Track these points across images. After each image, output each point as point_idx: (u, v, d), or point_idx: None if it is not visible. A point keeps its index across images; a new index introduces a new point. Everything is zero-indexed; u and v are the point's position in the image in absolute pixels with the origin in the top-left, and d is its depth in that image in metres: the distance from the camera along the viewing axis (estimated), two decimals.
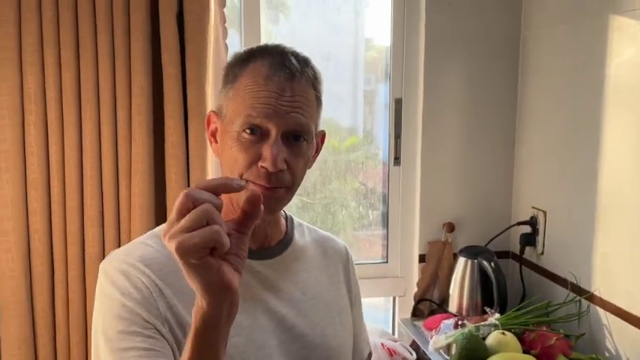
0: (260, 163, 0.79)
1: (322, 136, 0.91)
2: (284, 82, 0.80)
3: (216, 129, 0.86)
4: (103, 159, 1.62)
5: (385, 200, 2.08)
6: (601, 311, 1.59)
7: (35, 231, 1.61)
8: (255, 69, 0.81)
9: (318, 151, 0.90)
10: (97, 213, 1.63)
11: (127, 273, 0.79)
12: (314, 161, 0.90)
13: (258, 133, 0.79)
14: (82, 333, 1.66)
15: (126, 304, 0.77)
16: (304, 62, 0.84)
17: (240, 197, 0.82)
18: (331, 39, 2.06)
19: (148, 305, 0.77)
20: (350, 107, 2.13)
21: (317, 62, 0.86)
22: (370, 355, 1.11)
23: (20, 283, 1.59)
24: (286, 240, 0.94)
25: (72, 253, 1.63)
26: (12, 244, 1.58)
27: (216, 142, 0.87)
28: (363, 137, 2.12)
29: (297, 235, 0.97)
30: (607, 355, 1.57)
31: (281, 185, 0.81)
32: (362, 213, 2.14)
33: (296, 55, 0.83)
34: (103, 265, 0.83)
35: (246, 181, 0.63)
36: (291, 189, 0.84)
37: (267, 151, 0.79)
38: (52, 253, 1.64)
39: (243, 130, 0.79)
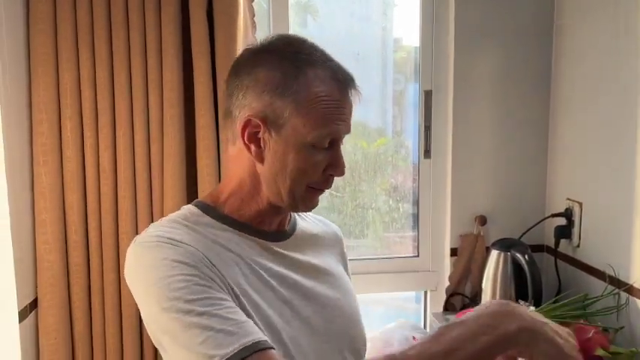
0: (330, 172, 0.86)
1: None
2: (351, 95, 0.86)
3: (256, 133, 0.84)
4: (136, 152, 1.65)
5: (415, 195, 2.06)
6: None
7: (72, 223, 1.64)
8: (320, 80, 0.83)
9: None
10: (131, 205, 1.66)
11: (171, 243, 0.78)
12: None
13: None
14: (117, 323, 1.69)
15: (183, 261, 0.75)
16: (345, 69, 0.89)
17: (264, 195, 0.87)
18: (360, 40, 2.05)
19: (204, 266, 0.77)
20: (379, 108, 2.12)
21: (346, 63, 0.89)
22: None
23: (57, 274, 1.63)
24: (293, 221, 0.98)
25: (107, 245, 1.66)
26: (49, 236, 1.62)
27: (257, 147, 0.84)
28: (393, 138, 2.11)
29: (297, 217, 1.01)
30: None
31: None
32: (392, 206, 2.13)
33: (338, 64, 0.88)
34: (138, 241, 0.81)
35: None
36: None
37: (339, 160, 0.86)
38: (87, 245, 1.68)
39: (322, 145, 0.84)
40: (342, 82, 0.85)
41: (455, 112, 1.93)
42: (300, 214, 1.02)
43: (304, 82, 0.82)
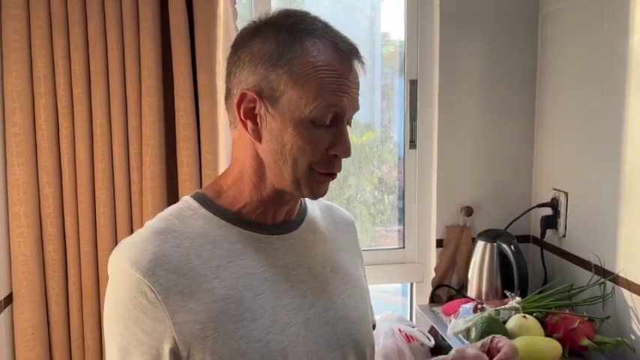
0: (333, 152, 0.79)
1: None
2: (353, 67, 0.79)
3: (253, 108, 0.79)
4: (114, 142, 1.60)
5: (401, 187, 2.04)
6: (626, 293, 1.54)
7: (47, 215, 1.60)
8: (319, 50, 0.77)
9: None
10: (109, 197, 1.62)
11: (137, 282, 0.75)
12: None
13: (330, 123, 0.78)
14: (95, 318, 1.64)
15: (131, 318, 0.75)
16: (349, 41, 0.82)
17: (269, 180, 0.82)
18: (347, 33, 2.00)
19: (156, 320, 0.74)
20: (368, 102, 2.08)
21: None
22: (375, 325, 1.08)
23: (33, 268, 1.59)
24: (301, 213, 0.91)
25: (84, 238, 1.62)
26: (24, 229, 1.57)
27: (254, 123, 0.80)
28: (381, 132, 2.08)
29: (309, 207, 0.94)
30: (633, 338, 1.51)
31: (340, 170, 0.82)
32: (378, 198, 2.10)
33: (341, 35, 0.81)
34: (112, 261, 0.79)
35: None
36: None
37: (342, 138, 0.78)
38: (64, 238, 1.63)
39: (322, 122, 0.77)
40: (344, 51, 0.78)
41: (440, 102, 1.91)
42: (308, 201, 0.95)
43: (300, 51, 0.76)
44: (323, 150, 0.78)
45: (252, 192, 0.83)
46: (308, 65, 0.76)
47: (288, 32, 0.77)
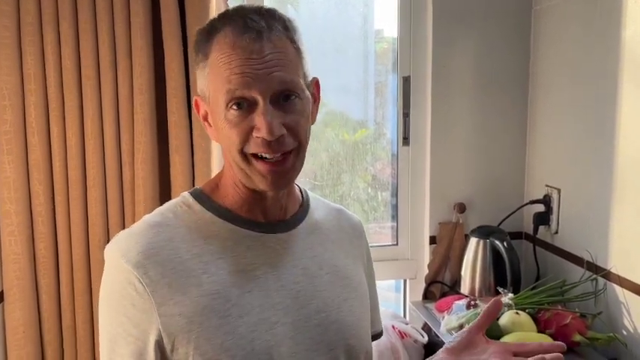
0: (255, 134, 0.75)
1: (316, 83, 0.85)
2: (252, 43, 0.74)
3: (207, 112, 0.83)
4: (105, 139, 1.59)
5: (394, 184, 2.04)
6: (618, 289, 1.55)
7: (38, 214, 1.59)
8: (220, 40, 0.76)
9: (317, 101, 0.86)
10: (101, 195, 1.61)
11: (126, 273, 0.76)
12: (316, 113, 0.86)
13: (245, 107, 0.75)
14: (87, 316, 1.64)
15: (120, 308, 0.76)
16: (269, 16, 0.78)
17: (243, 177, 0.80)
18: (341, 31, 2.01)
19: (143, 311, 0.75)
20: (361, 99, 2.08)
21: (327, 55, 0.82)
22: (382, 332, 1.08)
23: (24, 267, 1.58)
24: (302, 212, 0.90)
25: (76, 236, 1.61)
26: (15, 227, 1.56)
27: (210, 125, 0.83)
28: (374, 129, 2.07)
29: (312, 207, 0.93)
30: (625, 333, 1.52)
31: (286, 150, 0.77)
32: (371, 195, 2.10)
33: (259, 12, 0.78)
34: (106, 252, 0.80)
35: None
36: (298, 151, 0.79)
37: (259, 121, 0.74)
38: (55, 236, 1.62)
39: (230, 108, 0.75)
40: (237, 32, 0.75)
41: (433, 99, 1.91)
42: (319, 202, 0.95)
43: (210, 47, 0.77)
44: (246, 132, 0.76)
45: (233, 190, 0.84)
46: (214, 60, 0.76)
47: (203, 32, 0.79)
